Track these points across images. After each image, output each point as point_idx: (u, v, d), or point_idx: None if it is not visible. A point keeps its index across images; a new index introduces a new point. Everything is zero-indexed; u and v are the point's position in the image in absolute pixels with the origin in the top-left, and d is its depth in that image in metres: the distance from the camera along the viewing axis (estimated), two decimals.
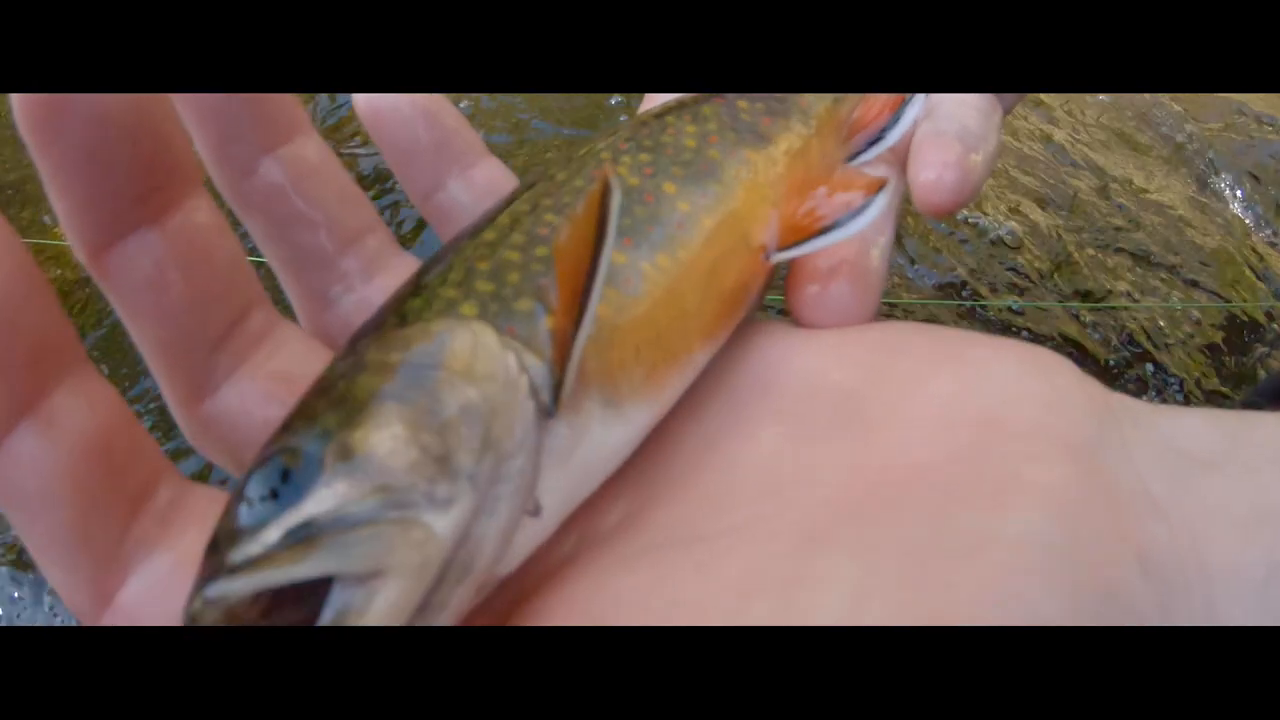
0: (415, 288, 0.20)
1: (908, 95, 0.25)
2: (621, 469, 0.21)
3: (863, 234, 0.23)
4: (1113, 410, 0.21)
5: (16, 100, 0.16)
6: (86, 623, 0.18)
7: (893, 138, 0.25)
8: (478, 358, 0.18)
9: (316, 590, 0.16)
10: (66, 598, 0.18)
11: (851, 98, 0.27)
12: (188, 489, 0.19)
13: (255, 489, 0.16)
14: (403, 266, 0.24)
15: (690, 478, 0.21)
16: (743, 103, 0.26)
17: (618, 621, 0.17)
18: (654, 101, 0.29)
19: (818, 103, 0.26)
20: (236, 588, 0.15)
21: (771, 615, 0.17)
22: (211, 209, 0.20)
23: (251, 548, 0.16)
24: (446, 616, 0.17)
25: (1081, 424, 0.20)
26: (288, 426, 0.18)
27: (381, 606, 0.16)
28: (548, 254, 0.20)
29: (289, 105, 0.22)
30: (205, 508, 0.19)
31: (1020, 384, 0.20)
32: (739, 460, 0.21)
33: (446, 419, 0.17)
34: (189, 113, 0.20)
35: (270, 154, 0.22)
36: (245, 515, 0.16)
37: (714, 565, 0.18)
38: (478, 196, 0.25)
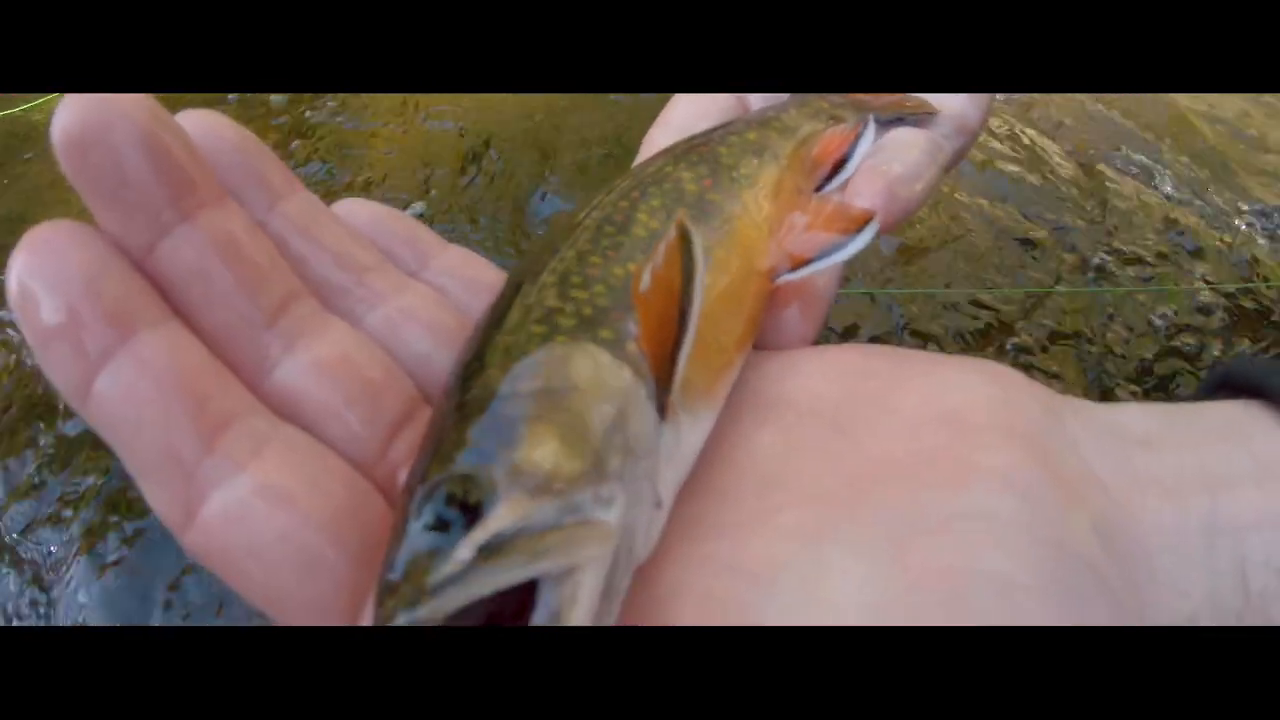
0: (499, 324, 0.22)
1: (858, 133, 0.30)
2: None
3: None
4: (1058, 407, 0.23)
5: (56, 142, 0.19)
6: (176, 534, 0.20)
7: (851, 169, 0.29)
8: (602, 376, 0.21)
9: (473, 610, 0.18)
10: (160, 513, 0.20)
11: (813, 139, 0.31)
12: (277, 425, 0.21)
13: (432, 518, 0.18)
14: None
15: (700, 479, 0.23)
16: (723, 149, 0.30)
17: (666, 607, 0.20)
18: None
19: (785, 144, 0.31)
20: (449, 604, 0.17)
21: (794, 604, 0.19)
22: (241, 213, 0.22)
23: (447, 568, 0.17)
24: (619, 601, 0.19)
25: (1030, 418, 0.22)
26: (439, 457, 0.19)
27: (586, 597, 0.18)
28: (607, 289, 0.23)
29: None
30: (293, 440, 0.21)
31: (976, 389, 0.23)
32: (739, 461, 0.23)
33: (595, 430, 0.19)
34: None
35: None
36: (430, 541, 0.18)
37: (736, 557, 0.20)
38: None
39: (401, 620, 0.17)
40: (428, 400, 0.24)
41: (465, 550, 0.17)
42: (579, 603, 0.18)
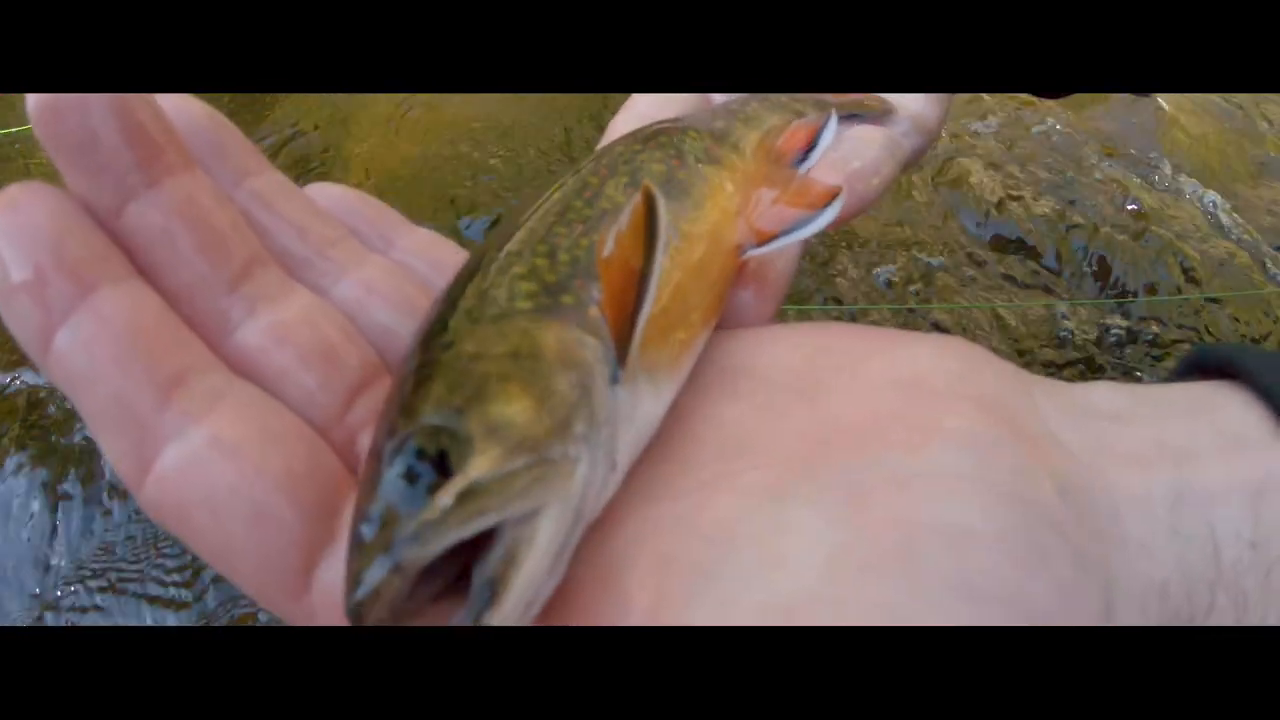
0: (462, 292, 0.23)
1: (821, 124, 0.31)
2: None
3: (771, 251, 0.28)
4: (1024, 381, 0.24)
5: (30, 107, 0.20)
6: (131, 490, 0.20)
7: (814, 158, 0.31)
8: (566, 346, 0.21)
9: (453, 560, 0.18)
10: (115, 465, 0.20)
11: (777, 130, 0.32)
12: (233, 382, 0.21)
13: (405, 468, 0.19)
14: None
15: (663, 447, 0.23)
16: (691, 133, 0.30)
17: (620, 567, 0.20)
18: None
19: (751, 134, 0.32)
20: (429, 550, 0.17)
21: (751, 559, 0.19)
22: (207, 181, 0.23)
23: (429, 514, 0.18)
24: (567, 557, 0.20)
25: (995, 386, 0.23)
26: (406, 412, 0.20)
27: (544, 537, 0.18)
28: (571, 259, 0.24)
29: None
30: (249, 397, 0.21)
31: (938, 360, 0.23)
32: (703, 430, 0.23)
33: (562, 394, 0.20)
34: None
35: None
36: (407, 491, 0.18)
37: (693, 517, 0.20)
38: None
39: (381, 565, 0.17)
40: (389, 368, 0.24)
41: (446, 497, 0.18)
42: (536, 545, 0.18)
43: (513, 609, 0.18)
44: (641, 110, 0.35)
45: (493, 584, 0.18)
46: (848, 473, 0.20)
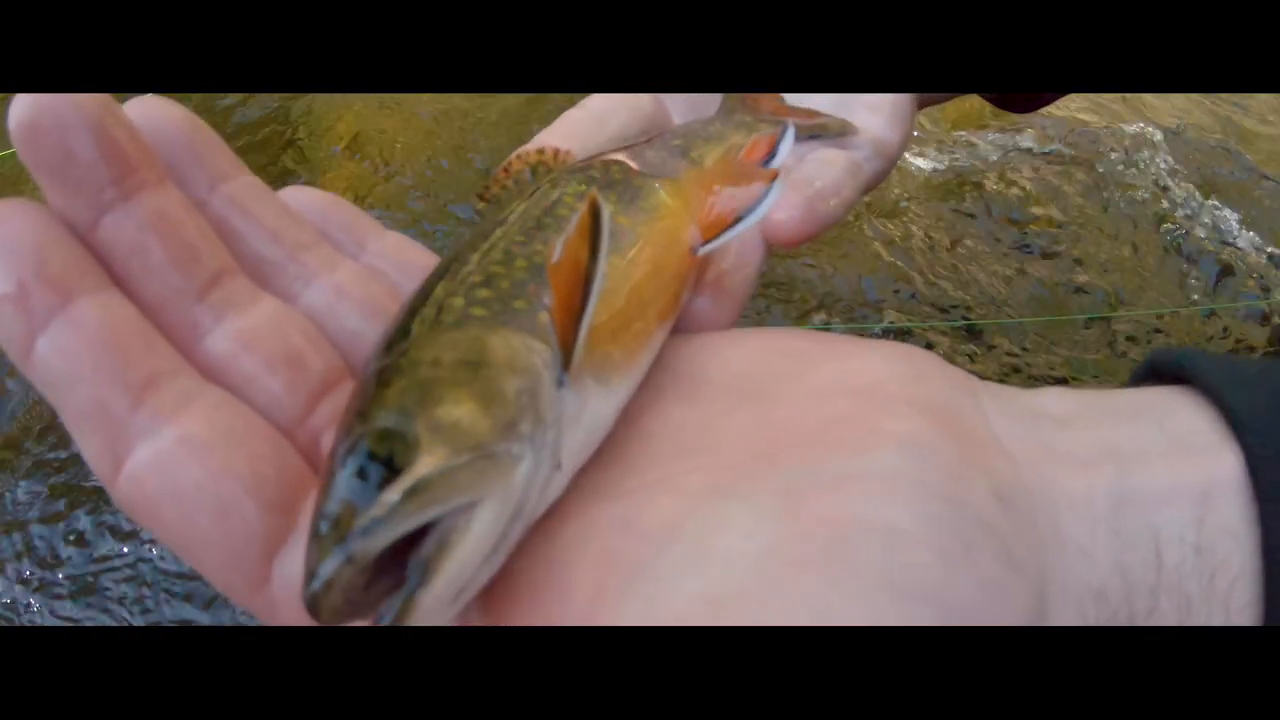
0: (424, 300, 0.24)
1: (779, 134, 0.32)
2: None
3: (731, 262, 0.30)
4: (973, 387, 0.24)
5: (11, 126, 0.21)
6: (106, 484, 0.22)
7: (775, 165, 0.31)
8: (514, 352, 0.22)
9: (405, 558, 0.19)
10: (92, 463, 0.22)
11: (738, 146, 0.33)
12: (203, 385, 0.22)
13: (358, 468, 0.20)
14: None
15: (614, 449, 0.24)
16: (649, 150, 0.32)
17: (564, 562, 0.21)
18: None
19: (712, 149, 0.33)
20: (377, 543, 0.19)
21: (687, 555, 0.20)
22: (178, 194, 0.24)
23: (377, 510, 0.19)
24: (505, 552, 0.21)
25: (939, 392, 0.23)
26: (361, 415, 0.21)
27: (479, 526, 0.20)
28: (527, 265, 0.25)
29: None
30: (217, 399, 0.22)
31: (888, 366, 0.24)
32: (654, 433, 0.24)
33: (508, 397, 0.21)
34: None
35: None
36: (359, 489, 0.20)
37: (636, 516, 0.21)
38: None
39: (335, 557, 0.19)
40: (354, 372, 0.25)
41: (393, 493, 0.19)
42: (470, 533, 0.19)
43: (443, 591, 0.19)
44: (594, 107, 0.35)
45: (425, 566, 0.19)
46: (789, 474, 0.21)
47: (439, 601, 0.19)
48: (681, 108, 0.38)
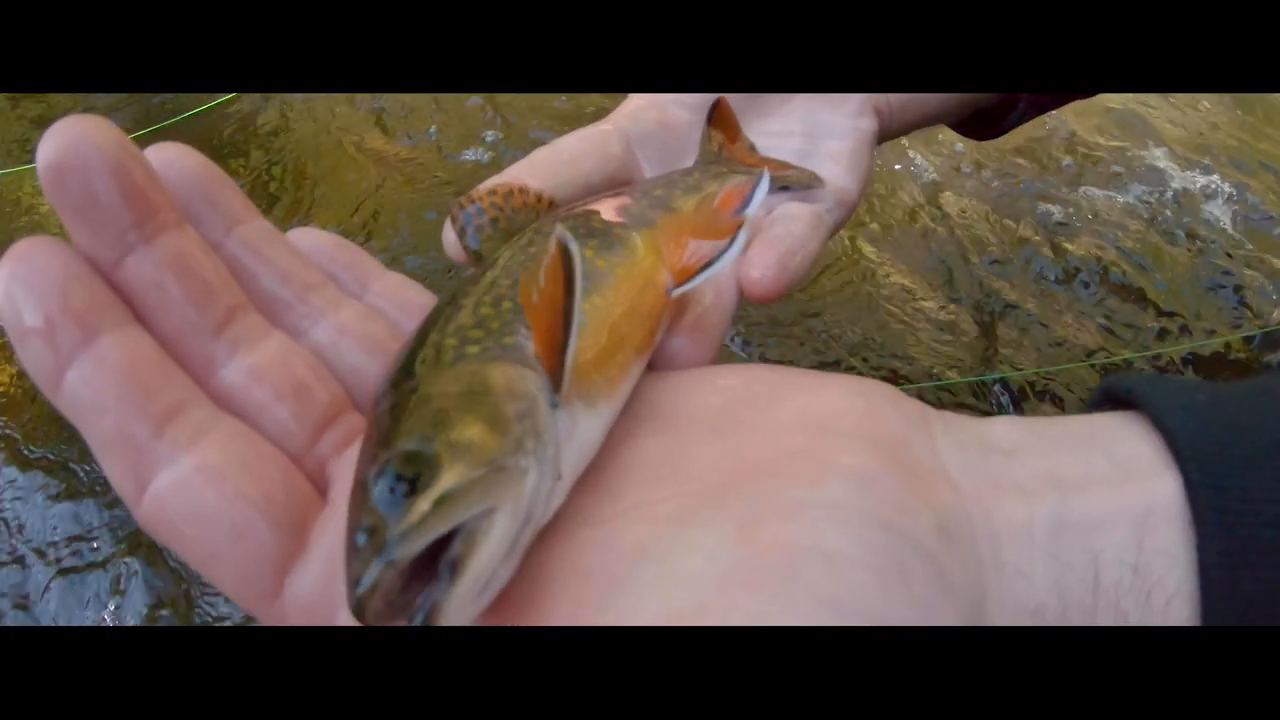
0: (422, 343, 0.27)
1: (754, 183, 0.33)
2: None
3: (708, 304, 0.33)
4: (927, 419, 0.26)
5: (40, 170, 0.23)
6: (130, 506, 0.23)
7: (750, 210, 0.33)
8: (511, 380, 0.25)
9: (427, 572, 0.22)
10: (117, 486, 0.23)
11: (715, 193, 0.36)
12: (219, 416, 0.24)
13: (389, 486, 0.22)
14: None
15: (595, 478, 0.26)
16: (629, 199, 0.35)
17: (549, 580, 0.23)
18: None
19: (690, 199, 0.36)
20: (414, 547, 0.21)
21: (656, 575, 0.22)
22: (196, 236, 0.26)
23: (412, 518, 0.21)
24: (520, 556, 0.23)
25: (892, 426, 0.25)
26: (383, 442, 0.23)
27: (499, 529, 0.22)
28: (513, 306, 0.27)
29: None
30: (231, 429, 0.24)
31: (846, 401, 0.26)
32: (631, 464, 0.26)
33: (510, 418, 0.24)
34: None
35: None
36: (391, 504, 0.22)
37: (613, 540, 0.23)
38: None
39: (377, 564, 0.21)
40: (356, 404, 0.27)
41: (424, 503, 0.21)
42: (491, 534, 0.22)
43: (470, 586, 0.21)
44: (567, 146, 0.38)
45: (454, 565, 0.21)
46: (748, 502, 0.23)
47: (469, 592, 0.21)
48: (654, 157, 0.41)
